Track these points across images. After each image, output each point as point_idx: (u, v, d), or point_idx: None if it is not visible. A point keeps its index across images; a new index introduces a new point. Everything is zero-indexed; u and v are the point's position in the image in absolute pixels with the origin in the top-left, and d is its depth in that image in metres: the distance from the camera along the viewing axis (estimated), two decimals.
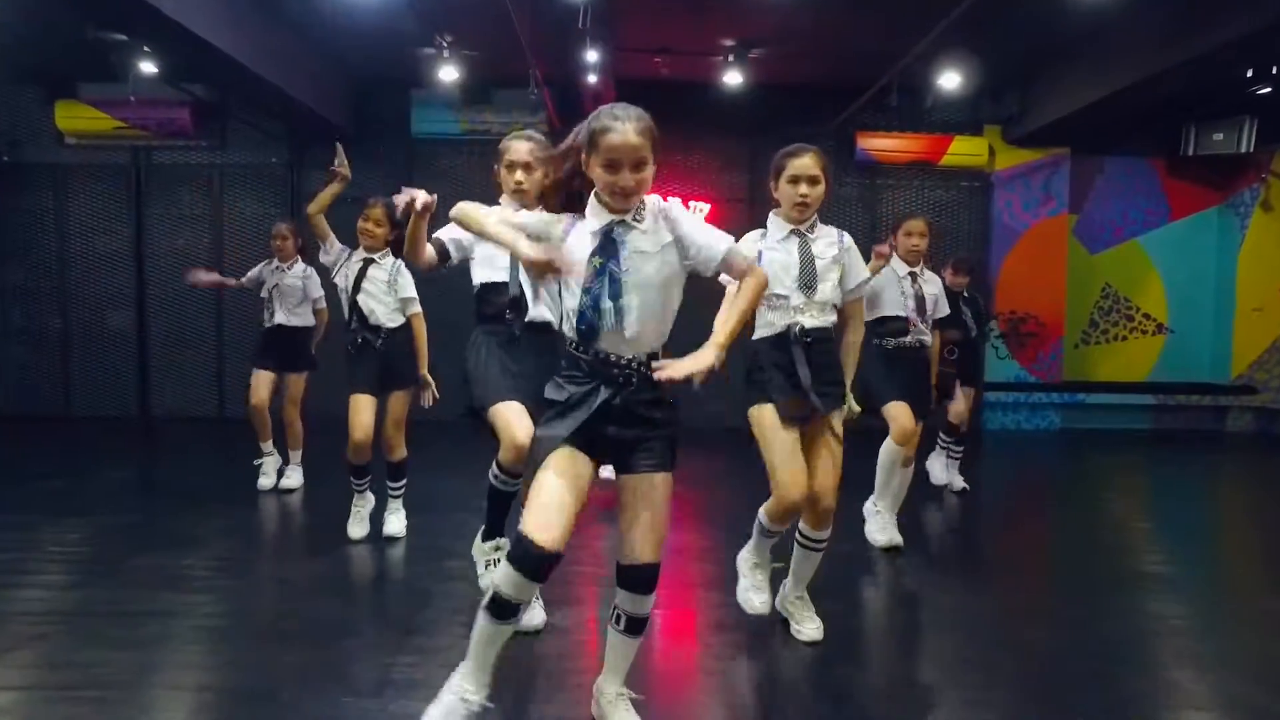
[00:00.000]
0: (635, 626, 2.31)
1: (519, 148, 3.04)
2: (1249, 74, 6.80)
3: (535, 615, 3.10)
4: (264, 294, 5.39)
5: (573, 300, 2.22)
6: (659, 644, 3.12)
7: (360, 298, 4.19)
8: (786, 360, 2.94)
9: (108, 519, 4.71)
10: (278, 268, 5.35)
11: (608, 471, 2.34)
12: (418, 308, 4.31)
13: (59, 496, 5.24)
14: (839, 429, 3.00)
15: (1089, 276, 8.88)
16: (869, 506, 4.37)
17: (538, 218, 2.33)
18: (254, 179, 8.39)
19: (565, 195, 2.31)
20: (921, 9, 5.57)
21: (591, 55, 6.02)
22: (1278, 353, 8.56)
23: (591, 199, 2.26)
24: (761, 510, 3.07)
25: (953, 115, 8.37)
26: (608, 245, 2.19)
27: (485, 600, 2.16)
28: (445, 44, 6.57)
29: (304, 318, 5.39)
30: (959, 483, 5.63)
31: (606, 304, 2.17)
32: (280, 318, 5.33)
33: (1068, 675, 2.89)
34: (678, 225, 2.24)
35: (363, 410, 4.15)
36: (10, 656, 2.92)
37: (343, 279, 4.26)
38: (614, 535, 2.45)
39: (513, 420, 2.89)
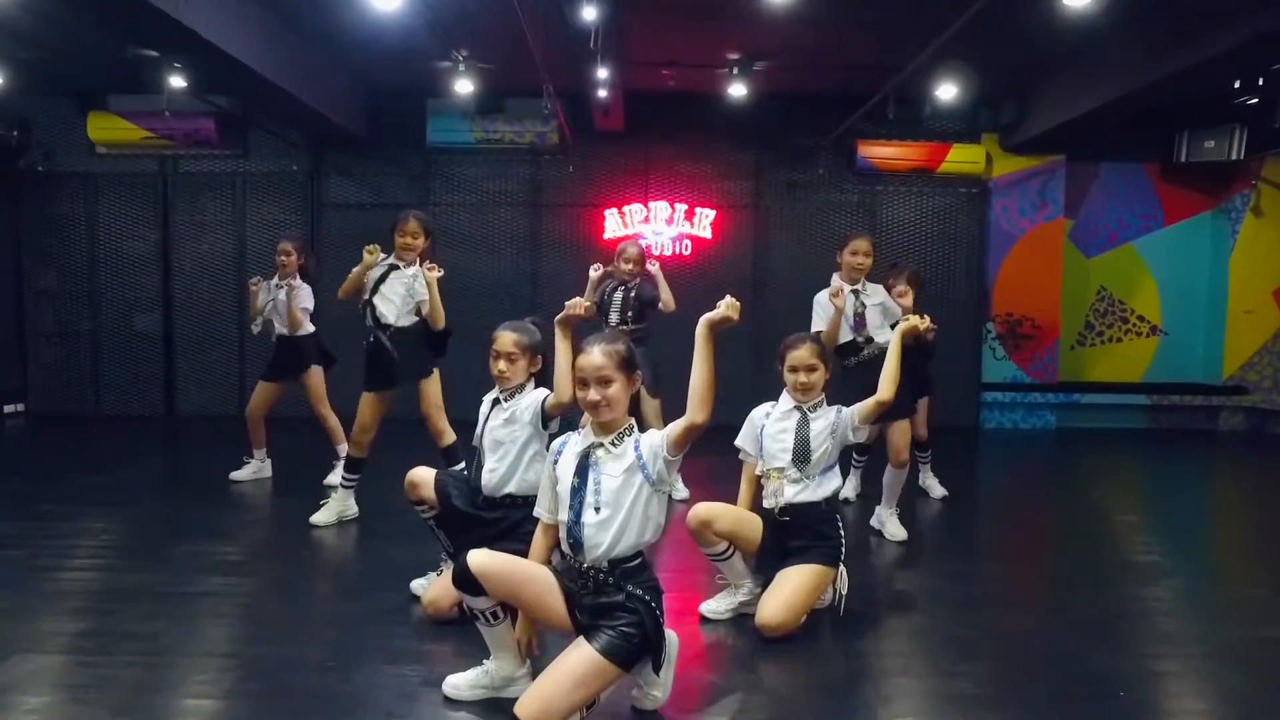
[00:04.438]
0: None
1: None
2: (1236, 85, 7.04)
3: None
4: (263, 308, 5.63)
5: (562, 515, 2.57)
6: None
7: (376, 299, 4.53)
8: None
9: (147, 510, 5.03)
10: (278, 285, 5.58)
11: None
12: None
13: (100, 490, 5.55)
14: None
15: (1084, 280, 9.10)
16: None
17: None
18: (275, 186, 8.69)
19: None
20: (919, 22, 5.80)
21: (602, 71, 6.27)
22: (1268, 354, 8.78)
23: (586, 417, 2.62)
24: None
25: (951, 123, 8.59)
26: (582, 467, 2.54)
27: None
28: (461, 57, 6.84)
29: (303, 327, 5.62)
30: (936, 489, 5.63)
31: (575, 523, 2.50)
32: (280, 329, 5.59)
33: (1047, 653, 3.16)
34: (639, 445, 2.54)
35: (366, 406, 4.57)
36: (84, 630, 3.22)
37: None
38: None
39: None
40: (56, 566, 3.93)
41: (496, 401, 3.32)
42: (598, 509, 2.49)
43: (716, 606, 3.41)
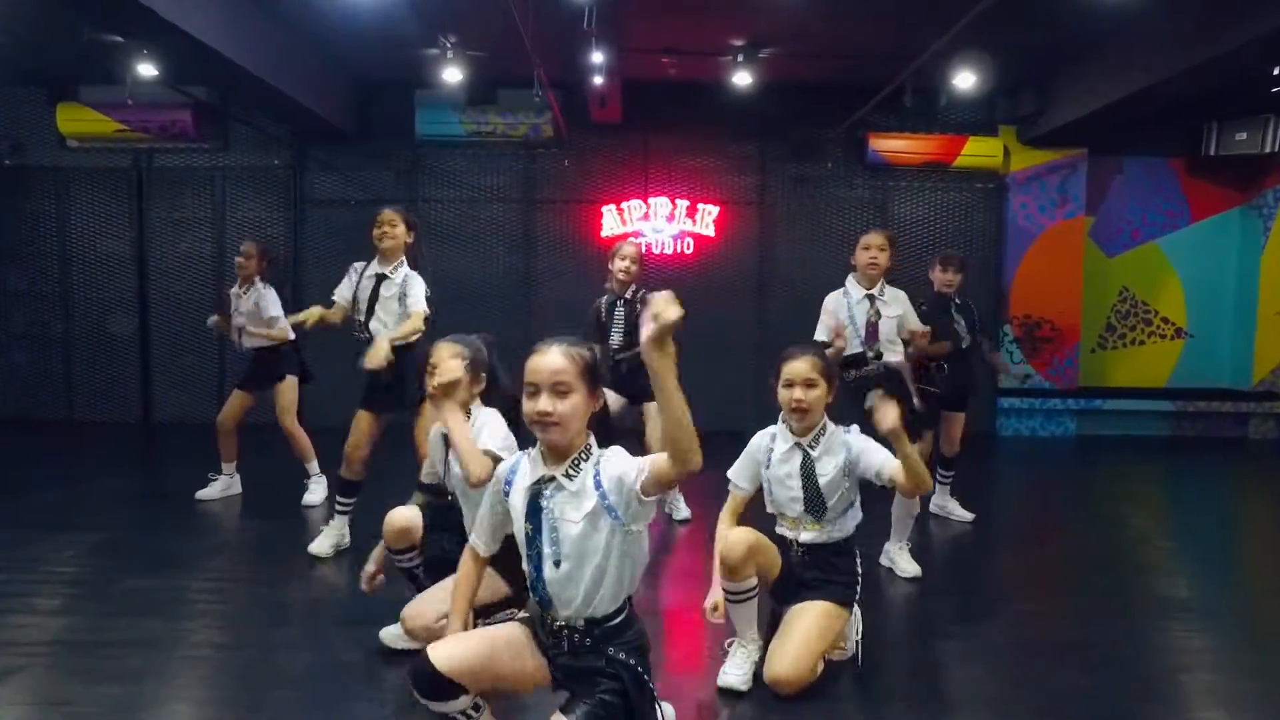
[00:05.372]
0: None
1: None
2: (1275, 72, 6.60)
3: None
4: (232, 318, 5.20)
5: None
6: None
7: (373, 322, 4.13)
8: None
9: (101, 535, 4.60)
10: (239, 293, 5.15)
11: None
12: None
13: (54, 509, 5.15)
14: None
15: (1106, 280, 8.69)
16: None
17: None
18: (257, 181, 8.28)
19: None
20: (934, 7, 5.40)
21: (597, 56, 5.87)
22: None
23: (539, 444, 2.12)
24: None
25: (967, 115, 8.20)
26: (534, 509, 2.07)
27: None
28: (449, 45, 6.44)
29: (285, 334, 5.18)
30: (958, 511, 5.17)
31: (537, 578, 2.08)
32: (247, 341, 5.17)
33: (1093, 715, 2.75)
34: (603, 472, 2.03)
35: (360, 423, 4.15)
36: None
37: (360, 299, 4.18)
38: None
39: None
40: None
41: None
42: (558, 563, 2.04)
43: (736, 673, 2.87)
